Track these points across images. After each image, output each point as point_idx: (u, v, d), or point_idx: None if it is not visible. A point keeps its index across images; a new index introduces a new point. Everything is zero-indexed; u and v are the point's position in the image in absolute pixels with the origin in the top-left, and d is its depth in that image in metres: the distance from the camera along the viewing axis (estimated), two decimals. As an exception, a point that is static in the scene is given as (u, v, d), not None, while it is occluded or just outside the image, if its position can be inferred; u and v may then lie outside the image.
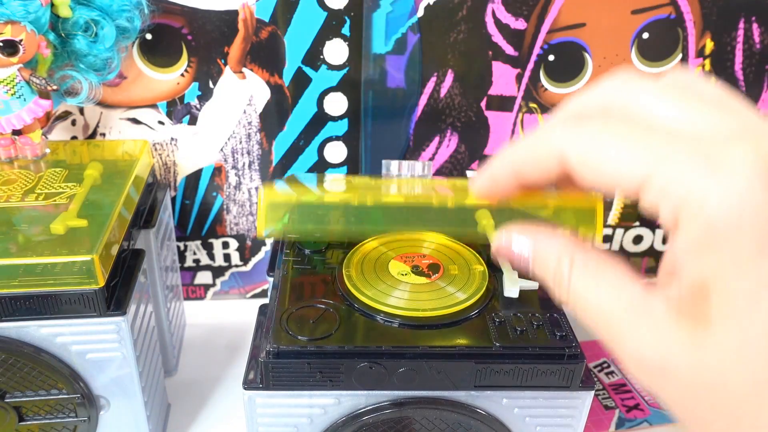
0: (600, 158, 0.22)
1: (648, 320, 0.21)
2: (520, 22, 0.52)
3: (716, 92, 0.23)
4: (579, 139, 0.23)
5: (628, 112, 0.23)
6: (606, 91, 0.24)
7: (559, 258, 0.24)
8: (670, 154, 0.20)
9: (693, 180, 0.20)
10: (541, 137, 0.24)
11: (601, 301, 0.23)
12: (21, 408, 0.43)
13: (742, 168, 0.19)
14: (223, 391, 0.54)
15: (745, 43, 0.53)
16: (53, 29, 0.45)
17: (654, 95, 0.22)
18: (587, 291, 0.23)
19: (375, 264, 0.38)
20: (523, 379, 0.35)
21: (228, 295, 0.66)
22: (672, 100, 0.22)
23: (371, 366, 0.34)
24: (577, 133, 0.23)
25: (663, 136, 0.21)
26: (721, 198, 0.19)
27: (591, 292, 0.23)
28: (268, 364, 0.34)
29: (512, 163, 0.26)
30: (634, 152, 0.21)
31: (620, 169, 0.21)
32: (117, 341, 0.41)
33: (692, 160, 0.20)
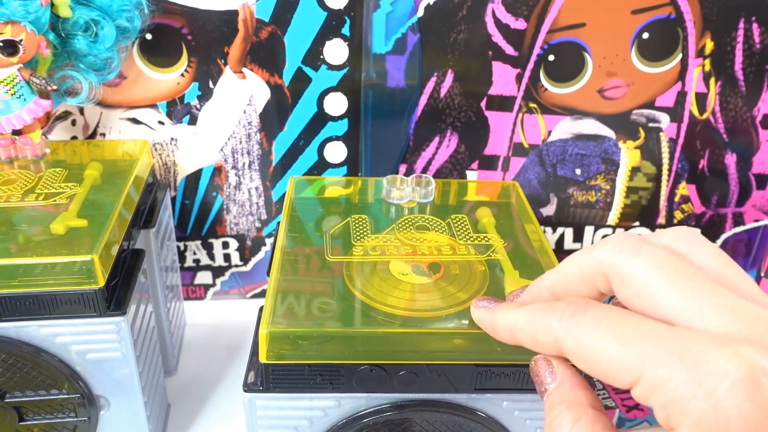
0: (593, 357, 0.24)
1: None
2: (520, 22, 0.52)
3: (715, 264, 0.25)
4: (574, 332, 0.25)
5: (621, 293, 0.25)
6: (602, 261, 0.26)
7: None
8: (659, 357, 0.22)
9: (680, 386, 0.21)
10: (539, 322, 0.26)
11: None
12: (21, 408, 0.43)
13: (725, 376, 0.20)
14: (223, 391, 0.54)
15: (745, 43, 0.53)
16: (53, 29, 0.45)
17: (649, 270, 0.24)
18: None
19: (376, 264, 0.38)
20: (523, 381, 0.35)
21: (228, 295, 0.66)
22: (666, 280, 0.24)
23: (371, 368, 0.34)
24: (573, 325, 0.25)
25: (653, 337, 0.22)
26: (706, 406, 0.20)
27: None
28: (268, 366, 0.34)
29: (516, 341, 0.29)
30: (625, 355, 0.22)
31: (612, 368, 0.23)
32: (117, 341, 0.41)
33: (680, 366, 0.21)
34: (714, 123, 0.57)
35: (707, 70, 0.55)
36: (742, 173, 0.59)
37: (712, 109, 0.56)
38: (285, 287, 0.36)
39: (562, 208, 0.60)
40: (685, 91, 0.56)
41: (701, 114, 0.57)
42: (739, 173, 0.59)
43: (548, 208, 0.61)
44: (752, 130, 0.57)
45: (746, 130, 0.57)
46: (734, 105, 0.56)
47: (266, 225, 0.62)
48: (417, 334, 0.34)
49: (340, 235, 0.41)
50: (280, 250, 0.40)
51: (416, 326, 0.34)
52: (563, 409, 0.27)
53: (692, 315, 0.23)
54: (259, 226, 0.62)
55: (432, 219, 0.43)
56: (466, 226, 0.43)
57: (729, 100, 0.56)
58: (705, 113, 0.57)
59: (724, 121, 0.57)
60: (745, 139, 0.58)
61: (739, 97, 0.56)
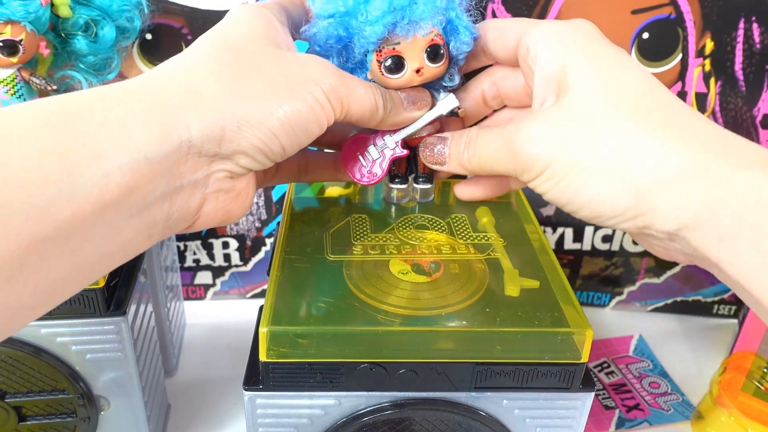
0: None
1: (522, 124, 0.33)
2: (521, 22, 0.52)
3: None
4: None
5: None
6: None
7: (466, 142, 0.36)
8: (538, 22, 0.35)
9: (549, 26, 0.34)
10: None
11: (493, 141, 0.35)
12: (21, 408, 0.43)
13: (580, 19, 0.34)
14: (223, 391, 0.54)
15: (745, 43, 0.53)
16: (53, 29, 0.45)
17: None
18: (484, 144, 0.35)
19: (375, 263, 0.38)
20: (523, 380, 0.35)
21: (228, 295, 0.66)
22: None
23: (371, 367, 0.34)
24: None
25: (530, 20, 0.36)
26: (567, 25, 0.34)
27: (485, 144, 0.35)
28: (268, 365, 0.34)
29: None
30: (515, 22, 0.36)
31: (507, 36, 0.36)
32: (117, 341, 0.41)
33: (554, 21, 0.34)
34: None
35: (707, 70, 0.55)
36: (742, 173, 0.59)
37: (712, 109, 0.56)
38: (285, 286, 0.36)
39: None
40: (685, 91, 0.56)
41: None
42: (739, 173, 0.59)
43: (548, 208, 0.61)
44: (752, 130, 0.57)
45: (746, 130, 0.57)
46: (734, 105, 0.56)
47: (266, 225, 0.62)
48: (417, 333, 0.34)
49: (340, 235, 0.41)
50: (280, 250, 0.40)
51: (416, 325, 0.34)
52: (461, 131, 0.36)
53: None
54: (259, 226, 0.62)
55: (432, 218, 0.43)
56: (466, 226, 0.43)
57: (729, 100, 0.56)
58: (705, 113, 0.57)
59: (724, 121, 0.57)
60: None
61: (739, 97, 0.56)
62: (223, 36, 0.33)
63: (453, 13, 0.35)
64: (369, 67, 0.36)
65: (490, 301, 0.36)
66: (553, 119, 0.31)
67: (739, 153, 0.28)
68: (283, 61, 0.32)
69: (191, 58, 0.31)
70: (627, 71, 0.31)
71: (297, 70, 0.31)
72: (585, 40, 0.32)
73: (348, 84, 0.33)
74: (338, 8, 0.34)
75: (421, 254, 0.39)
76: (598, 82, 0.31)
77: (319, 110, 0.31)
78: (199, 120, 0.28)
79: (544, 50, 0.33)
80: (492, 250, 0.40)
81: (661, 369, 0.58)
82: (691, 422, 0.52)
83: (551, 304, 0.36)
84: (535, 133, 0.32)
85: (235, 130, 0.29)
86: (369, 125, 0.36)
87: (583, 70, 0.31)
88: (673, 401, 0.54)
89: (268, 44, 0.32)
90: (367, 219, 0.43)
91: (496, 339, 0.34)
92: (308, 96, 0.31)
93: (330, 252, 0.40)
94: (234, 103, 0.29)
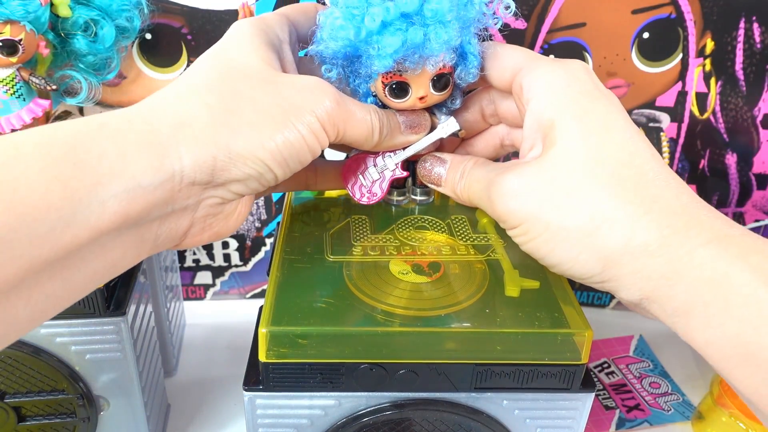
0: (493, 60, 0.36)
1: (505, 170, 0.33)
2: (520, 22, 0.52)
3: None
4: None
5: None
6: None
7: (460, 173, 0.37)
8: (535, 61, 0.34)
9: (545, 72, 0.33)
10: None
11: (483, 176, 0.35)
12: (21, 408, 0.43)
13: (576, 63, 0.34)
14: (223, 391, 0.54)
15: (745, 42, 0.53)
16: (53, 29, 0.45)
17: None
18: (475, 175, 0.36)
19: (375, 263, 0.38)
20: (523, 380, 0.34)
21: (228, 295, 0.66)
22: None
23: (371, 367, 0.34)
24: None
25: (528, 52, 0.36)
26: (563, 72, 0.33)
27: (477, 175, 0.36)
28: (268, 365, 0.34)
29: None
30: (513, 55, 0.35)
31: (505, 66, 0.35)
32: (116, 341, 0.41)
33: (550, 63, 0.34)
34: (714, 123, 0.57)
35: (708, 70, 0.55)
36: (742, 173, 0.59)
37: (713, 109, 0.56)
38: (285, 287, 0.36)
39: (562, 208, 0.60)
40: (686, 90, 0.56)
41: (702, 114, 0.57)
42: (739, 173, 0.59)
43: (548, 208, 0.61)
44: (753, 130, 0.57)
45: (747, 130, 0.57)
46: (735, 105, 0.56)
47: (266, 225, 0.62)
48: (417, 334, 0.34)
49: (340, 235, 0.41)
50: (280, 250, 0.40)
51: (416, 325, 0.34)
52: (461, 158, 0.37)
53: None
54: (259, 226, 0.62)
55: (432, 219, 0.43)
56: (466, 227, 0.43)
57: (729, 99, 0.56)
58: (705, 113, 0.57)
59: (724, 121, 0.57)
60: (746, 138, 0.57)
61: (739, 97, 0.56)
62: (219, 61, 0.33)
63: (465, 38, 0.35)
64: (373, 82, 0.36)
65: (491, 301, 0.36)
66: (532, 177, 0.32)
67: (701, 229, 0.29)
68: (279, 88, 0.32)
69: (187, 87, 0.31)
70: (612, 134, 0.32)
71: (292, 98, 0.31)
72: (577, 95, 0.33)
73: (345, 109, 0.33)
74: (349, 37, 0.33)
75: (421, 255, 0.39)
76: (581, 146, 0.31)
77: (311, 139, 0.32)
78: (191, 152, 0.29)
79: (536, 98, 0.33)
80: (492, 251, 0.40)
81: (662, 369, 0.58)
82: (691, 422, 0.52)
83: (551, 304, 0.36)
84: (514, 187, 0.32)
85: (226, 161, 0.30)
86: (364, 147, 0.36)
87: (570, 130, 0.32)
88: (674, 401, 0.54)
89: (266, 68, 0.32)
90: (367, 219, 0.43)
91: (496, 339, 0.34)
92: (301, 126, 0.31)
93: (330, 252, 0.39)
94: (225, 135, 0.30)
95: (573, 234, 0.31)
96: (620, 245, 0.30)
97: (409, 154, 0.38)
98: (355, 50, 0.34)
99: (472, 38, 0.35)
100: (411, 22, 0.33)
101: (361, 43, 0.33)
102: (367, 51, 0.34)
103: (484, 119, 0.40)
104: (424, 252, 0.40)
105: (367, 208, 0.44)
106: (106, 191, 0.27)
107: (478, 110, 0.40)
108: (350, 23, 0.33)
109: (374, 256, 0.39)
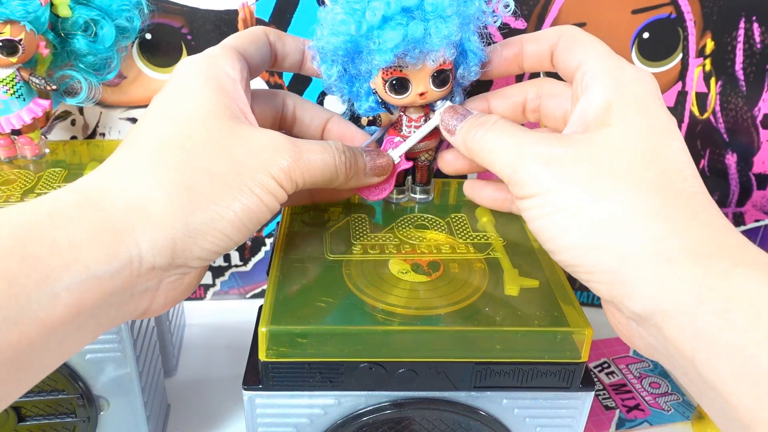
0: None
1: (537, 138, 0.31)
2: (520, 22, 0.52)
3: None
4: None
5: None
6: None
7: (481, 122, 0.34)
8: (609, 53, 0.33)
9: (617, 60, 0.32)
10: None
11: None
12: (20, 408, 0.43)
13: (647, 71, 0.32)
14: (223, 391, 0.54)
15: (745, 42, 0.53)
16: (53, 29, 0.45)
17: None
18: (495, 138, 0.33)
19: (375, 262, 0.38)
20: (523, 379, 0.34)
21: (228, 295, 0.66)
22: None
23: (371, 366, 0.34)
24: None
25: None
26: (632, 69, 0.32)
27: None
28: (267, 364, 0.34)
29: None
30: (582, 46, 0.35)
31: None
32: (116, 341, 0.41)
33: (620, 59, 0.33)
34: (714, 123, 0.57)
35: (708, 70, 0.55)
36: (742, 173, 0.59)
37: (713, 109, 0.56)
38: (284, 285, 0.36)
39: (562, 208, 0.60)
40: (686, 90, 0.56)
41: (702, 114, 0.57)
42: (739, 173, 0.59)
43: (548, 208, 0.61)
44: (753, 130, 0.57)
45: (747, 130, 0.57)
46: (735, 105, 0.56)
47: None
48: (416, 332, 0.34)
49: (339, 234, 0.41)
50: (279, 250, 0.40)
51: (416, 324, 0.34)
52: (480, 115, 0.35)
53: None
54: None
55: (431, 218, 0.43)
56: (466, 225, 0.43)
57: (729, 99, 0.56)
58: (705, 113, 0.57)
59: (724, 121, 0.57)
60: (746, 138, 0.57)
61: (739, 97, 0.56)
62: (169, 121, 0.31)
63: (465, 35, 0.35)
64: (373, 78, 0.36)
65: (490, 300, 0.36)
66: (573, 149, 0.30)
67: (742, 250, 0.27)
68: (233, 152, 0.30)
69: (138, 161, 0.30)
70: (669, 139, 0.30)
71: (246, 161, 0.30)
72: (643, 94, 0.31)
73: (304, 161, 0.32)
74: (350, 32, 0.34)
75: (421, 254, 0.39)
76: (640, 136, 0.29)
77: (269, 199, 0.31)
78: (149, 237, 0.28)
79: (600, 81, 0.31)
80: (492, 250, 0.40)
81: (662, 369, 0.58)
82: (691, 422, 0.52)
83: (551, 303, 0.36)
84: (548, 154, 0.30)
85: (186, 241, 0.29)
86: (328, 187, 0.36)
87: (628, 117, 0.30)
88: (674, 401, 0.54)
89: (218, 126, 0.31)
90: (367, 218, 0.43)
91: (495, 338, 0.34)
92: (258, 189, 0.30)
93: (329, 251, 0.39)
94: (184, 215, 0.29)
95: (598, 219, 0.28)
96: (649, 244, 0.27)
97: (411, 145, 0.38)
98: (356, 45, 0.34)
99: (471, 35, 0.35)
100: (411, 17, 0.33)
101: (362, 37, 0.34)
102: (368, 46, 0.34)
103: (523, 112, 0.39)
104: (424, 251, 0.40)
105: (366, 207, 0.44)
106: (58, 284, 0.25)
107: (522, 101, 0.38)
108: (351, 18, 0.33)
109: (374, 255, 0.39)
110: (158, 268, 0.29)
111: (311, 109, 0.40)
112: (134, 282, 0.28)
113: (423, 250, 0.40)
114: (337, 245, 0.40)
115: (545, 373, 0.34)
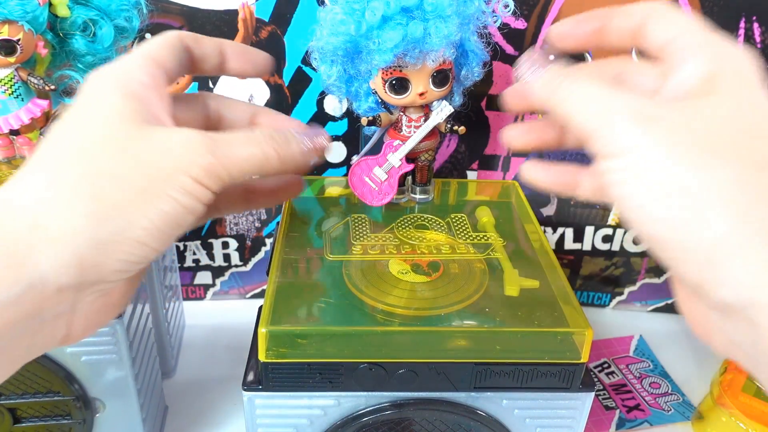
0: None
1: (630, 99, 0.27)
2: (520, 22, 0.52)
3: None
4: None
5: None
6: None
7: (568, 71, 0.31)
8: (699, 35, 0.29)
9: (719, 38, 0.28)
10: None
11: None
12: (16, 410, 0.42)
13: (733, 42, 0.28)
14: (223, 392, 0.54)
15: (745, 42, 0.53)
16: (51, 29, 0.45)
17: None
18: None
19: (375, 263, 0.38)
20: (523, 380, 0.34)
21: (228, 295, 0.65)
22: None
23: (371, 367, 0.34)
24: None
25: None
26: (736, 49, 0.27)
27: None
28: (267, 365, 0.34)
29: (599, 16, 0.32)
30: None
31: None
32: (112, 343, 0.40)
33: (710, 31, 0.28)
34: (714, 123, 0.57)
35: (707, 70, 0.55)
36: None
37: (713, 109, 0.56)
38: (284, 286, 0.36)
39: (562, 208, 0.60)
40: (686, 90, 0.56)
41: (701, 114, 0.57)
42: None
43: (548, 208, 0.61)
44: (753, 130, 0.57)
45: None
46: (734, 105, 0.56)
47: (266, 225, 0.62)
48: (416, 333, 0.34)
49: (339, 235, 0.41)
50: (279, 250, 0.40)
51: (415, 325, 0.34)
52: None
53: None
54: (258, 226, 0.62)
55: (431, 218, 0.43)
56: (466, 226, 0.43)
57: (729, 99, 0.56)
58: (705, 113, 0.57)
59: (724, 121, 0.57)
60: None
61: (739, 97, 0.56)
62: (74, 132, 0.29)
63: (465, 35, 0.35)
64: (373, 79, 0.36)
65: (490, 301, 0.36)
66: (671, 112, 0.26)
67: None
68: (142, 155, 0.28)
69: (39, 174, 0.28)
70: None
71: (159, 162, 0.28)
72: (746, 69, 0.27)
73: (226, 154, 0.29)
74: (350, 32, 0.33)
75: (421, 254, 0.39)
76: (742, 108, 0.26)
77: (188, 201, 0.28)
78: (50, 256, 0.26)
79: (700, 52, 0.28)
80: (492, 250, 0.40)
81: (662, 369, 0.58)
82: (691, 422, 0.52)
83: (551, 304, 0.36)
84: (643, 111, 0.26)
85: (95, 254, 0.27)
86: (265, 175, 0.34)
87: (734, 89, 0.27)
88: (674, 401, 0.54)
89: (125, 130, 0.28)
90: (367, 219, 0.43)
91: (495, 339, 0.34)
92: (173, 191, 0.28)
93: (329, 252, 0.39)
94: (89, 228, 0.26)
95: (696, 191, 0.24)
96: (751, 226, 0.24)
97: (410, 147, 0.38)
98: (356, 45, 0.34)
99: (471, 35, 0.35)
100: (411, 17, 0.33)
101: (362, 37, 0.33)
102: (368, 46, 0.34)
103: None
104: (424, 251, 0.40)
105: (366, 207, 0.44)
106: None
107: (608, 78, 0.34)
108: (351, 18, 0.33)
109: (374, 256, 0.39)
110: (67, 288, 0.26)
111: (235, 106, 0.36)
112: (41, 306, 0.26)
113: (423, 251, 0.40)
114: (337, 245, 0.40)
115: (545, 373, 0.34)
